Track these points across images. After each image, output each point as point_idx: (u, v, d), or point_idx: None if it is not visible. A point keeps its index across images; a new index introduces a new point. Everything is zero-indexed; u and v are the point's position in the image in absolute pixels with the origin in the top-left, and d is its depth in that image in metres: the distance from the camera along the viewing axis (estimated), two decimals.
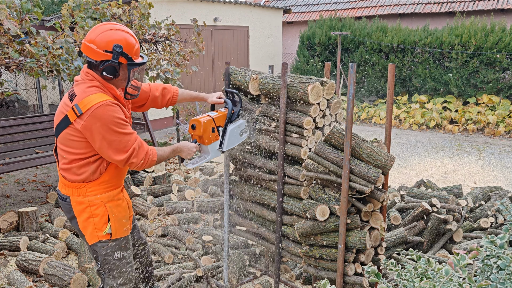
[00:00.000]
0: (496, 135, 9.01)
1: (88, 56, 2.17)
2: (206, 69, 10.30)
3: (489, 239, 1.70)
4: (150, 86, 2.64)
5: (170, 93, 2.69)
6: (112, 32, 2.16)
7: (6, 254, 3.95)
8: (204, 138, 2.57)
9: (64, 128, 2.18)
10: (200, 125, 2.53)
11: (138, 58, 2.27)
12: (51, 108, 11.12)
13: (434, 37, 9.96)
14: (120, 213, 2.35)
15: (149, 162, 2.28)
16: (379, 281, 1.69)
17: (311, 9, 14.57)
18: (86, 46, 2.16)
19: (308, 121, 2.59)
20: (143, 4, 5.32)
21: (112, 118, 2.11)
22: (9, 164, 4.84)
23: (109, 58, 2.14)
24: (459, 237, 3.99)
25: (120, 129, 2.15)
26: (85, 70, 2.23)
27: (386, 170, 2.37)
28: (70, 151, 2.21)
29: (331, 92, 2.66)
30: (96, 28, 2.18)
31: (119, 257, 2.37)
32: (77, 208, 2.29)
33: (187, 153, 2.51)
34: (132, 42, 2.21)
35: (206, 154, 2.63)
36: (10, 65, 3.95)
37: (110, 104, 2.12)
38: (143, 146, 2.25)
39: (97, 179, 2.26)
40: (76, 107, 2.12)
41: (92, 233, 2.30)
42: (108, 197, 2.29)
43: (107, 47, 2.13)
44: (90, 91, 2.15)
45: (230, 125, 2.67)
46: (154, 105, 2.69)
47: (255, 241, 3.14)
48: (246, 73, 2.88)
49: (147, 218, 4.76)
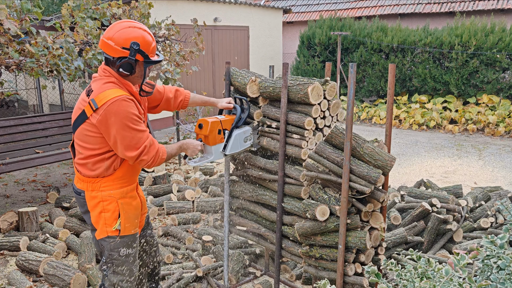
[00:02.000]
0: (496, 135, 9.01)
1: (106, 53, 2.21)
2: (206, 69, 10.30)
3: (489, 239, 1.70)
4: (164, 87, 2.68)
5: (182, 95, 2.73)
6: (130, 29, 2.20)
7: (6, 254, 3.95)
8: (210, 139, 2.59)
9: (81, 123, 2.22)
10: (207, 125, 2.56)
11: (154, 56, 2.32)
12: (51, 108, 11.12)
13: (434, 37, 9.96)
14: (131, 211, 2.37)
15: (159, 160, 2.31)
16: (379, 281, 1.69)
17: (311, 9, 14.58)
18: (104, 42, 2.20)
19: (309, 121, 2.59)
20: (143, 4, 5.32)
21: (126, 113, 2.15)
22: (9, 164, 4.84)
23: (126, 55, 2.19)
24: (459, 237, 3.99)
25: (134, 125, 2.18)
26: (103, 67, 2.28)
27: (386, 170, 2.37)
28: (86, 146, 2.25)
29: (332, 93, 2.66)
30: (115, 26, 2.22)
31: (125, 254, 2.39)
32: (90, 203, 2.33)
33: (192, 150, 2.54)
34: (149, 40, 2.25)
35: (209, 154, 2.64)
36: (10, 65, 3.95)
37: (125, 99, 2.16)
38: (154, 144, 2.28)
39: (111, 175, 2.30)
40: (92, 102, 2.16)
41: (102, 228, 2.33)
42: (121, 193, 2.32)
43: (125, 44, 2.18)
44: (106, 87, 2.19)
45: (236, 130, 2.71)
46: (167, 106, 2.72)
47: (255, 241, 3.14)
48: (246, 75, 2.88)
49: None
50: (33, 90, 10.70)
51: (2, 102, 10.45)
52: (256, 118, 2.85)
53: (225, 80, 2.96)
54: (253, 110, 2.86)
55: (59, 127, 5.73)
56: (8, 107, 10.67)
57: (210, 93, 10.38)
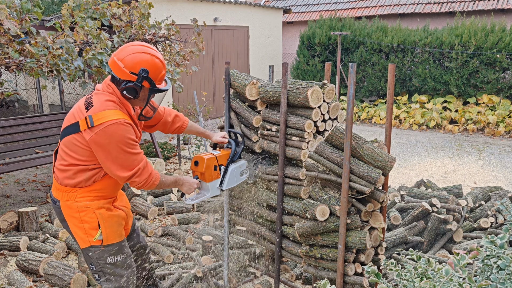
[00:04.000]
0: (496, 135, 9.01)
1: (114, 72, 2.18)
2: (206, 69, 10.30)
3: (489, 239, 1.70)
4: (164, 110, 2.67)
5: (180, 122, 2.73)
6: (142, 55, 2.16)
7: (6, 254, 3.95)
8: (206, 175, 2.60)
9: (72, 133, 2.19)
10: (203, 162, 2.57)
11: (162, 84, 2.29)
12: (51, 108, 11.12)
13: (434, 37, 9.96)
14: (112, 219, 2.32)
15: (150, 184, 2.28)
16: (379, 281, 1.69)
17: (311, 9, 14.58)
18: (114, 62, 2.17)
19: (309, 124, 2.58)
20: (143, 4, 5.32)
21: (123, 137, 2.12)
22: (9, 164, 4.84)
23: (133, 79, 2.16)
24: (459, 237, 3.99)
25: (129, 148, 2.16)
26: (108, 82, 2.24)
27: (386, 171, 2.37)
28: (72, 155, 2.21)
29: (331, 96, 2.66)
30: (128, 47, 2.19)
31: (112, 262, 2.34)
32: (66, 212, 2.29)
33: (188, 187, 2.52)
34: (160, 68, 2.22)
35: (206, 191, 2.66)
36: (10, 65, 3.95)
37: (123, 123, 2.13)
38: (147, 167, 2.25)
39: (89, 186, 2.26)
40: (89, 118, 2.12)
41: (83, 238, 2.29)
42: (97, 205, 2.28)
43: (134, 69, 2.15)
44: (106, 106, 2.15)
45: (231, 164, 2.72)
46: (162, 128, 2.72)
47: (255, 241, 3.14)
48: (247, 77, 2.88)
49: (147, 218, 4.76)
50: (33, 90, 10.70)
51: (2, 102, 10.45)
52: (255, 124, 2.82)
53: (224, 80, 2.96)
54: (252, 115, 2.83)
55: (59, 127, 5.73)
56: (8, 107, 10.67)
57: (210, 93, 10.38)
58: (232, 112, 2.97)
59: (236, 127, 2.92)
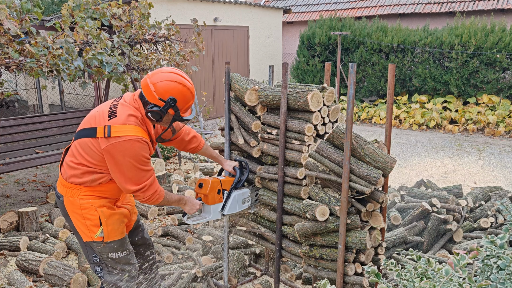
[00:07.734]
0: (496, 135, 9.01)
1: (144, 92, 2.22)
2: (206, 69, 10.30)
3: (489, 239, 1.70)
4: (184, 128, 2.70)
5: (196, 143, 2.77)
6: (175, 85, 2.21)
7: (6, 254, 3.95)
8: (209, 198, 2.64)
9: (88, 136, 2.22)
10: (207, 184, 2.62)
11: (187, 113, 2.33)
12: (51, 108, 11.12)
13: (434, 37, 9.96)
14: (113, 217, 2.36)
15: (154, 200, 2.33)
16: (379, 281, 1.69)
17: (311, 9, 14.57)
18: (146, 84, 2.21)
19: (309, 127, 2.58)
20: (143, 4, 5.32)
21: (136, 154, 2.17)
22: (9, 164, 4.84)
23: (160, 105, 2.20)
24: (459, 237, 3.99)
25: (141, 165, 2.20)
26: (135, 97, 2.28)
27: (387, 172, 2.37)
28: (84, 156, 2.25)
29: (331, 99, 2.66)
30: (163, 73, 2.22)
31: (114, 257, 2.38)
32: (69, 207, 2.33)
33: (190, 208, 2.56)
34: (188, 100, 2.27)
35: (207, 214, 2.69)
36: (10, 65, 3.95)
37: (140, 141, 2.17)
38: (154, 184, 2.29)
39: (93, 186, 2.30)
40: (107, 128, 2.15)
41: (85, 233, 2.33)
42: (99, 203, 2.32)
43: (163, 96, 2.19)
44: (128, 120, 2.19)
45: (235, 191, 2.76)
46: (178, 146, 2.76)
47: (255, 241, 3.14)
48: (248, 81, 2.88)
49: (147, 218, 4.76)
50: (33, 90, 10.70)
51: (2, 102, 10.45)
52: (254, 129, 2.82)
53: (225, 81, 2.95)
54: (251, 120, 2.82)
55: (59, 127, 5.74)
56: (8, 107, 10.67)
57: (210, 93, 10.38)
58: (232, 115, 2.96)
59: (236, 130, 2.92)
